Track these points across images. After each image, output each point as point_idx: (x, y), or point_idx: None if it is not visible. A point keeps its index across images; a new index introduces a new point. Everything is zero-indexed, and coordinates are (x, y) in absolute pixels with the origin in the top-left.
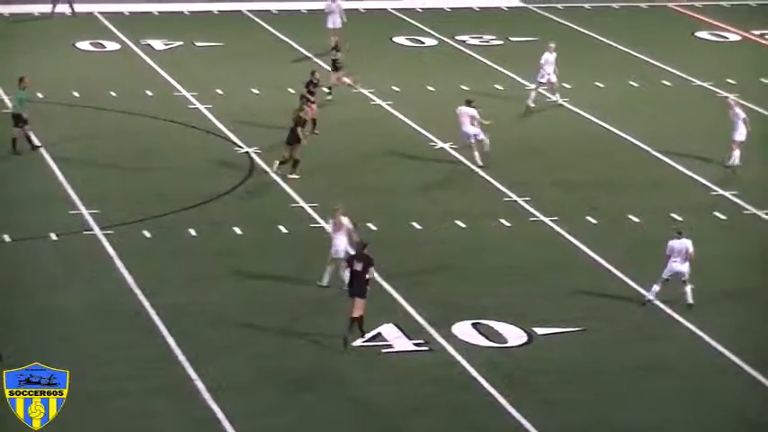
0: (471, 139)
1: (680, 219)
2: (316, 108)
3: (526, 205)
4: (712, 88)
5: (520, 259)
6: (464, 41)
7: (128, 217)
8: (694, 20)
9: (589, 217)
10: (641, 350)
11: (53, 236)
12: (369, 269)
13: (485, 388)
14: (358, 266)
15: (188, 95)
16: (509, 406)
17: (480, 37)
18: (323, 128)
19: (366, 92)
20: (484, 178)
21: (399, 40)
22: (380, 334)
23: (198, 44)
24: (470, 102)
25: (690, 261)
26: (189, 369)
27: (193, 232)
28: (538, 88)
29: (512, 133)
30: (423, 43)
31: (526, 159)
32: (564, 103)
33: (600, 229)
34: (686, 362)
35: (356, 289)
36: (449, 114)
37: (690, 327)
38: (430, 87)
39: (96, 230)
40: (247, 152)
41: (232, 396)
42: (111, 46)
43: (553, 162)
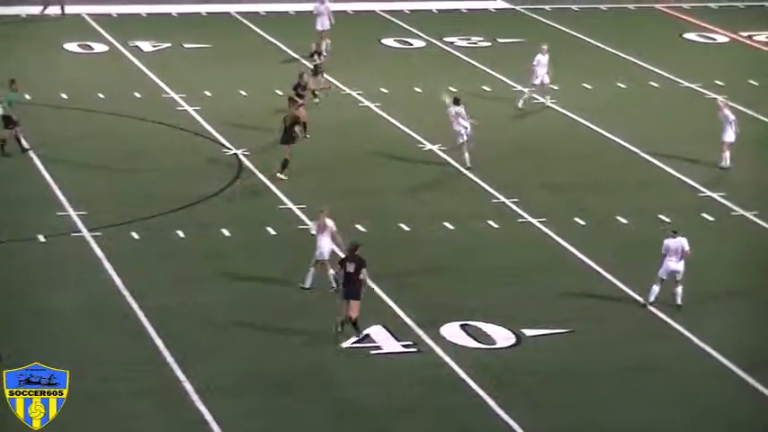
0: (463, 138)
1: (668, 220)
2: (304, 111)
3: (514, 207)
4: (700, 90)
5: (508, 261)
6: (452, 43)
7: (116, 219)
8: (682, 21)
9: (577, 218)
10: (630, 351)
11: (41, 237)
12: (361, 270)
13: (473, 389)
14: (350, 268)
15: (176, 97)
16: (497, 407)
17: (468, 38)
18: (311, 130)
19: (354, 94)
20: (472, 180)
21: (387, 42)
22: (369, 335)
23: (186, 46)
24: (458, 100)
25: (685, 260)
26: (177, 371)
27: (181, 234)
28: (545, 90)
29: (500, 135)
30: (411, 45)
31: (514, 161)
32: (552, 105)
33: (588, 231)
34: (675, 363)
35: (350, 290)
36: (437, 116)
37: (678, 328)
38: (418, 89)
39: (84, 232)
40: (235, 154)
41: (220, 398)
42: (99, 48)
43: (541, 163)
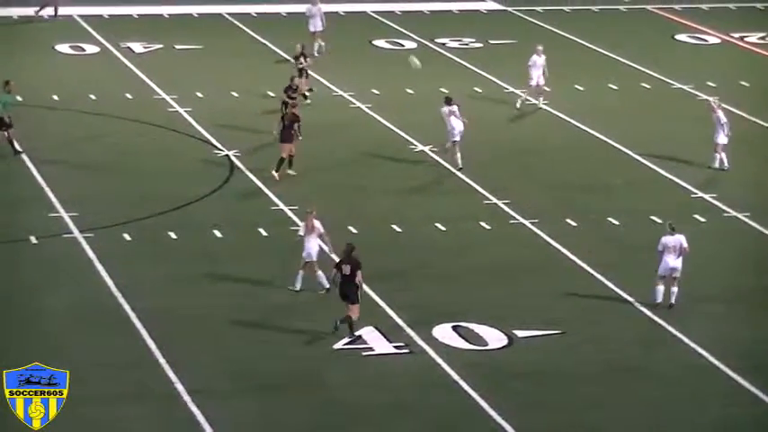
0: (457, 137)
1: (659, 221)
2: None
3: (506, 208)
4: (692, 91)
5: (500, 262)
6: (444, 44)
7: (108, 220)
8: (674, 22)
9: (569, 219)
10: (621, 353)
11: (33, 239)
12: (356, 272)
13: (465, 390)
14: (347, 270)
15: (168, 98)
16: (489, 408)
17: (460, 40)
18: (303, 131)
19: (346, 95)
20: (464, 181)
21: (379, 43)
22: (361, 337)
23: (177, 47)
24: (450, 100)
25: (684, 257)
26: (169, 372)
27: (173, 235)
28: (539, 91)
29: (492, 136)
30: (402, 46)
31: (506, 162)
32: (544, 107)
33: (580, 232)
34: (666, 364)
35: (347, 292)
36: (429, 117)
37: (670, 329)
38: (409, 90)
39: (76, 233)
40: (227, 155)
41: (212, 399)
42: (90, 49)
43: (533, 165)
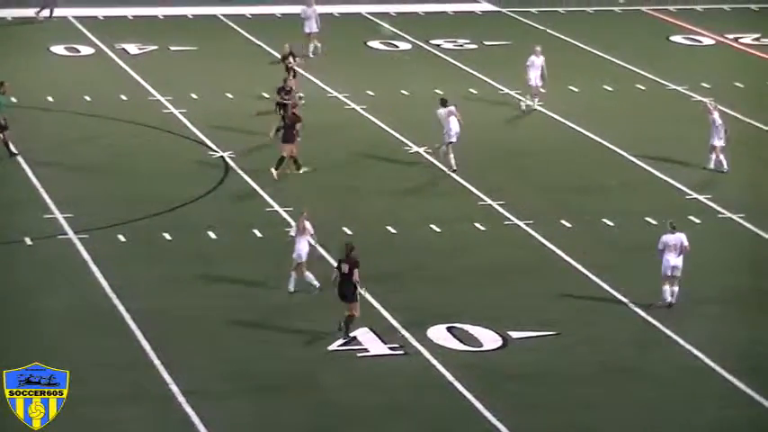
0: (453, 139)
1: (654, 222)
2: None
3: (501, 209)
4: (687, 92)
5: (495, 263)
6: (438, 45)
7: (102, 221)
8: (668, 24)
9: (564, 221)
10: (616, 354)
11: (28, 240)
12: (353, 271)
13: (460, 392)
14: (345, 269)
15: (162, 100)
16: (484, 409)
17: (455, 41)
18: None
19: (341, 96)
20: (458, 182)
21: (374, 45)
22: (356, 338)
23: (172, 48)
24: (445, 101)
25: (684, 256)
26: (164, 373)
27: (168, 236)
28: (534, 92)
29: (486, 137)
30: (397, 47)
31: (501, 163)
32: (539, 108)
33: (574, 233)
34: (661, 365)
35: (345, 292)
36: (423, 118)
37: (665, 330)
38: (404, 92)
39: (71, 234)
40: (222, 156)
41: (207, 400)
42: (85, 50)
43: (528, 166)
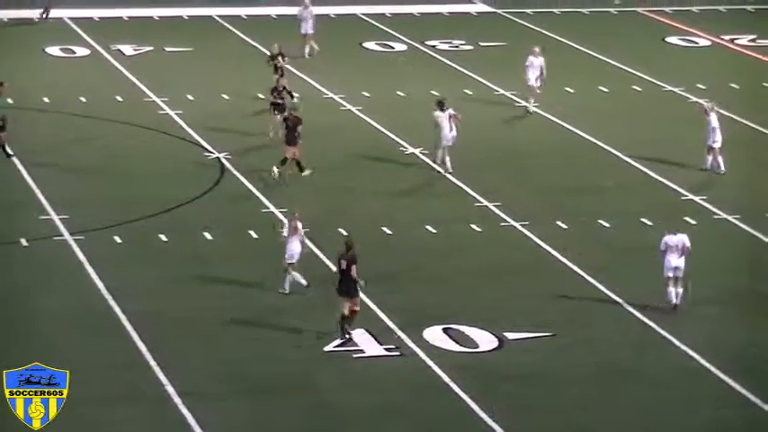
0: (449, 142)
1: (650, 223)
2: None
3: (497, 210)
4: (682, 93)
5: (491, 264)
6: (434, 46)
7: (98, 222)
8: (664, 25)
9: (560, 222)
10: (612, 355)
11: (23, 241)
12: (351, 267)
13: (455, 393)
14: (344, 265)
15: (158, 101)
16: (480, 411)
17: (450, 42)
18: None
19: (336, 97)
20: (454, 183)
21: (369, 46)
22: (352, 339)
23: (168, 49)
24: (443, 103)
25: (686, 257)
26: (160, 374)
27: (164, 238)
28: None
29: (482, 138)
30: (392, 48)
31: (497, 164)
32: (535, 109)
33: (570, 234)
34: (657, 367)
35: (345, 288)
36: (419, 120)
37: (661, 331)
38: (400, 93)
39: (66, 236)
40: (218, 157)
41: (203, 401)
42: (80, 51)
43: (524, 167)
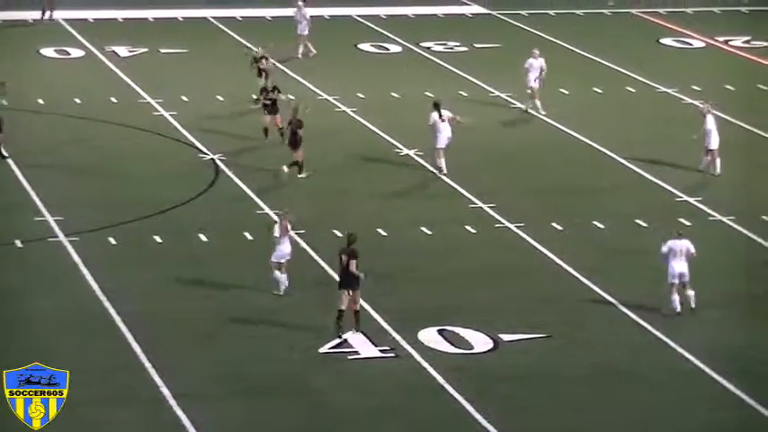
0: (444, 144)
1: (645, 225)
2: (279, 118)
3: (491, 212)
4: (677, 95)
5: (485, 266)
6: (429, 48)
7: (93, 224)
8: (658, 26)
9: (554, 223)
10: (607, 356)
11: (18, 243)
12: (350, 262)
13: (451, 394)
14: (344, 259)
15: (153, 102)
16: (475, 412)
17: (445, 43)
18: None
19: (331, 99)
20: (449, 185)
21: (364, 47)
22: (346, 340)
23: (162, 51)
24: (438, 105)
25: (689, 262)
26: (155, 376)
27: (159, 239)
28: (534, 95)
29: (477, 140)
30: (387, 50)
31: (491, 166)
32: (530, 111)
33: (565, 236)
34: (652, 368)
35: (346, 281)
36: (414, 121)
37: (656, 333)
38: (395, 94)
39: (61, 237)
40: (212, 158)
41: (198, 402)
42: (75, 53)
43: (518, 168)
